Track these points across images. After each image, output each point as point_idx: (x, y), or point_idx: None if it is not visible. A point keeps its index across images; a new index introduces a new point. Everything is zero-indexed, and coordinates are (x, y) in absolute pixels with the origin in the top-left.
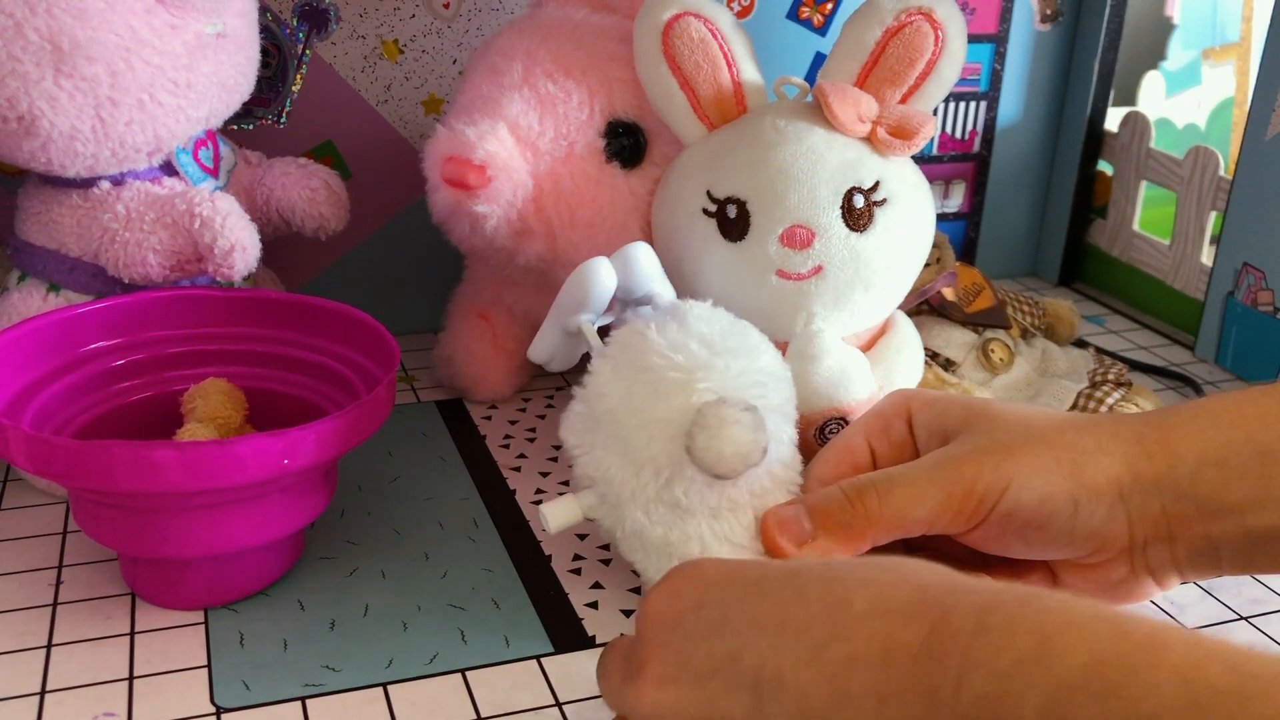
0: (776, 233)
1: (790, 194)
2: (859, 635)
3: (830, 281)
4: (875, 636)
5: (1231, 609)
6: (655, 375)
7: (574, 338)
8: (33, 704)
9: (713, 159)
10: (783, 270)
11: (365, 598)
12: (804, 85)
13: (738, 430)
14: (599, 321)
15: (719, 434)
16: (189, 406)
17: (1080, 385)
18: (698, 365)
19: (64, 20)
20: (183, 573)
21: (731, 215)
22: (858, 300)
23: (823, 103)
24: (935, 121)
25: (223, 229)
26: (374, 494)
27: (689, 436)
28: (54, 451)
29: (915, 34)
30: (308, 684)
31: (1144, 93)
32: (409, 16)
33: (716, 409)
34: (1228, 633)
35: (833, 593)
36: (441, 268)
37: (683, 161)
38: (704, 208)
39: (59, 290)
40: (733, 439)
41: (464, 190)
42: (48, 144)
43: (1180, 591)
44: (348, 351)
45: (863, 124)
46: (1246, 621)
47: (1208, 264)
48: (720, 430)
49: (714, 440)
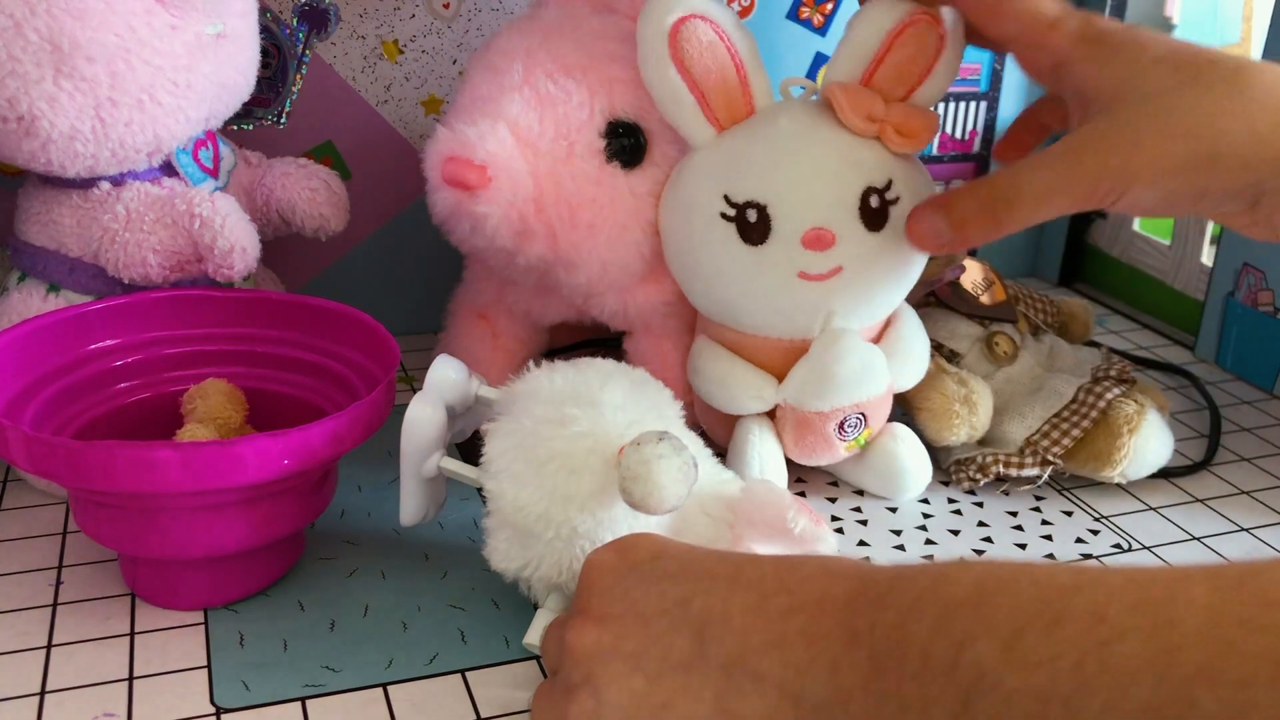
0: (798, 235)
1: (811, 197)
2: (801, 590)
3: (849, 281)
4: (814, 590)
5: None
6: (563, 456)
7: (434, 481)
8: (33, 704)
9: (728, 162)
10: (804, 272)
11: (365, 598)
12: (811, 85)
13: (664, 464)
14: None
15: (649, 477)
16: (189, 407)
17: (1083, 380)
18: (593, 422)
19: (64, 20)
20: (183, 573)
21: (751, 219)
22: (875, 298)
23: (835, 103)
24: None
25: (222, 229)
26: (374, 494)
27: (624, 492)
28: (54, 451)
29: (920, 34)
30: (308, 684)
31: None
32: (409, 16)
33: (636, 454)
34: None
35: (785, 561)
36: (441, 268)
37: (693, 165)
38: (722, 212)
39: (59, 290)
40: (664, 472)
41: (464, 190)
42: (47, 144)
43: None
44: (348, 351)
45: (872, 124)
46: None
47: (1208, 264)
48: (649, 473)
49: (648, 484)
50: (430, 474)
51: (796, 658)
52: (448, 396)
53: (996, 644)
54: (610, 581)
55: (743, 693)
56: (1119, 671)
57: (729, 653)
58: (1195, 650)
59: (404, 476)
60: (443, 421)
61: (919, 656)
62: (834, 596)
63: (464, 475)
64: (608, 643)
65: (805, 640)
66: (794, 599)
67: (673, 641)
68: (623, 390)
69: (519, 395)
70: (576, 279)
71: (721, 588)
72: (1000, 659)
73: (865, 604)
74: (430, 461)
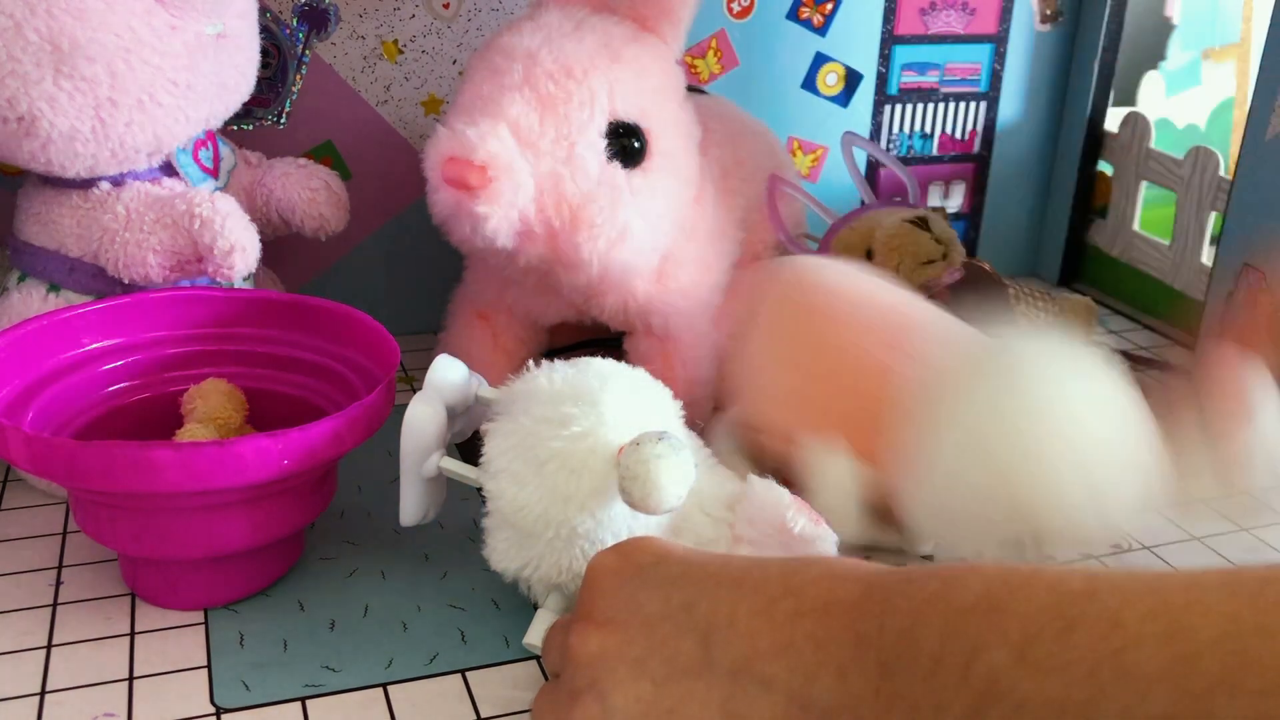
0: None
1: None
2: (808, 593)
3: None
4: (820, 594)
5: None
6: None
7: (435, 481)
8: (32, 704)
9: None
10: None
11: (365, 598)
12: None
13: (664, 464)
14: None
15: (649, 477)
16: (189, 407)
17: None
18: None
19: (64, 20)
20: (182, 573)
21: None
22: None
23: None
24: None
25: (222, 229)
26: (374, 494)
27: (623, 492)
28: (54, 451)
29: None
30: (307, 684)
31: (1144, 93)
32: (409, 17)
33: (635, 454)
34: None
35: (790, 564)
36: (441, 268)
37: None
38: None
39: (59, 291)
40: (664, 472)
41: (465, 191)
42: (48, 144)
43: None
44: (348, 352)
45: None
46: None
47: (1208, 264)
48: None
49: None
50: (430, 474)
51: (804, 662)
52: (448, 396)
53: (1009, 650)
54: (614, 585)
55: (750, 698)
56: (1135, 679)
57: (736, 658)
58: (1213, 659)
59: (404, 476)
60: (443, 421)
61: (930, 661)
62: (841, 600)
63: (464, 475)
64: (612, 648)
65: (813, 644)
66: (800, 602)
67: (678, 646)
68: (623, 390)
69: (519, 395)
70: (576, 279)
71: (727, 592)
72: (1013, 665)
73: (873, 607)
74: (430, 461)
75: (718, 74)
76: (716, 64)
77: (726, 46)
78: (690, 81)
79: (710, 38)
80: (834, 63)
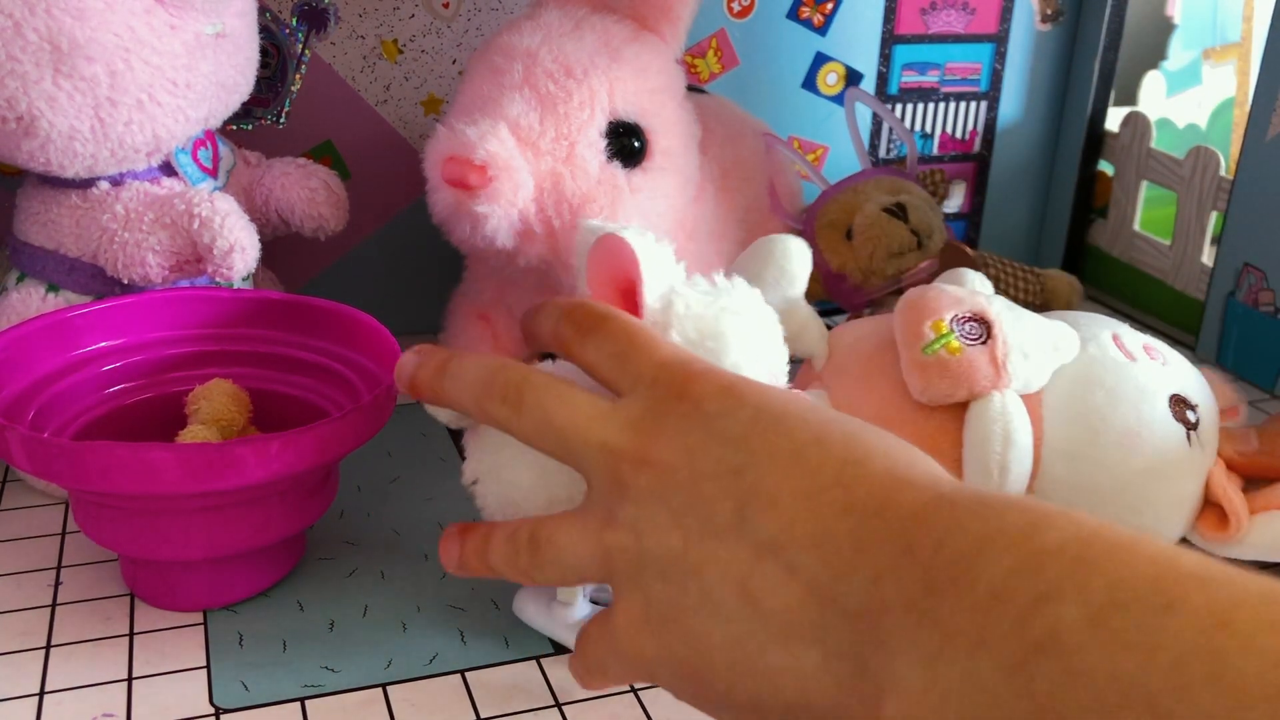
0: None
1: None
2: (860, 489)
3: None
4: (877, 493)
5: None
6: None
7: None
8: (32, 704)
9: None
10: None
11: (365, 598)
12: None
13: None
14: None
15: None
16: (193, 408)
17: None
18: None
19: (63, 20)
20: (182, 574)
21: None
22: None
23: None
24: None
25: (222, 229)
26: (374, 494)
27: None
28: (54, 452)
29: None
30: (307, 685)
31: (1144, 93)
32: (409, 16)
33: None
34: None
35: (852, 450)
36: (441, 268)
37: None
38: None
39: (58, 291)
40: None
41: (465, 190)
42: (47, 144)
43: None
44: (348, 352)
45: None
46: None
47: (1208, 264)
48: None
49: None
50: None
51: (839, 559)
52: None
53: (1085, 609)
54: (677, 424)
55: (771, 581)
56: (1230, 690)
57: (768, 537)
58: None
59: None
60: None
61: (987, 594)
62: (898, 504)
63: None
64: (659, 491)
65: (853, 543)
66: (851, 497)
67: (717, 508)
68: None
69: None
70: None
71: (780, 465)
72: (1085, 627)
73: (936, 520)
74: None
75: (718, 74)
76: (716, 63)
77: (726, 46)
78: (690, 81)
79: (710, 37)
80: (834, 62)
